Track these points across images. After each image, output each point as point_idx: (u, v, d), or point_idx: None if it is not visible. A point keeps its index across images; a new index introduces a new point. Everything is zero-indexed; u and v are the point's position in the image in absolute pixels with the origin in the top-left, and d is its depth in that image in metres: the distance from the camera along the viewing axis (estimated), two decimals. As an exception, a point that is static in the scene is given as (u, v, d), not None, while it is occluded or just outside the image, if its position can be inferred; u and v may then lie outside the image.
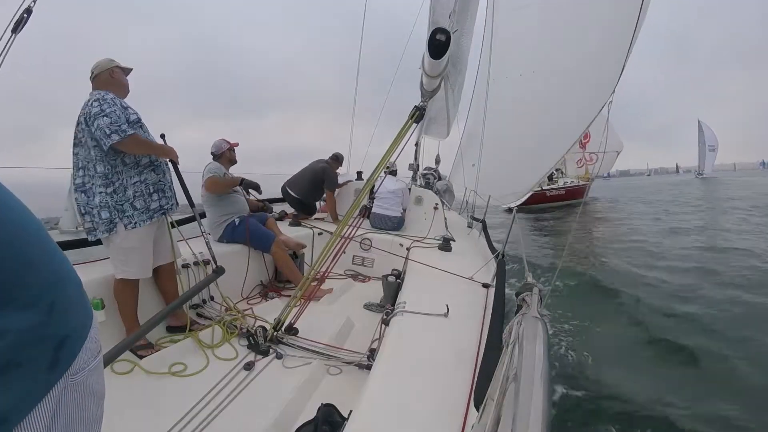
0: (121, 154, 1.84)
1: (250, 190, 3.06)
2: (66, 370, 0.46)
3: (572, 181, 18.82)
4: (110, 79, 1.90)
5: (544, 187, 16.71)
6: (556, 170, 18.76)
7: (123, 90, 1.95)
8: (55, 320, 0.44)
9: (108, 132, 1.74)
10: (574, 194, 17.94)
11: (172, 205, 2.04)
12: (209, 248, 2.27)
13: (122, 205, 1.84)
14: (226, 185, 2.87)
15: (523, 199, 15.00)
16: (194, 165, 2.20)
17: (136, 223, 1.86)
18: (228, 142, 2.98)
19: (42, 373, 0.42)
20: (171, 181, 2.07)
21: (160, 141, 2.07)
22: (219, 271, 2.26)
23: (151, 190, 1.94)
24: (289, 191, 4.12)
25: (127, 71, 1.98)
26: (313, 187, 4.15)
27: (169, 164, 2.08)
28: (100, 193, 1.81)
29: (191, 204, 2.30)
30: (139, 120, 1.89)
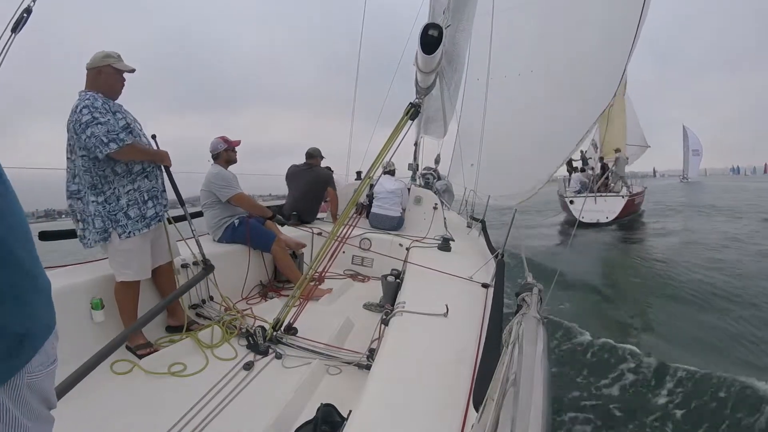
0: (111, 163, 1.79)
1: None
2: (23, 366, 0.46)
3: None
4: (97, 78, 1.80)
5: (632, 192, 12.34)
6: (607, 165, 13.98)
7: (112, 92, 1.84)
8: (17, 315, 0.44)
9: (105, 140, 1.69)
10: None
11: (165, 207, 2.02)
12: (199, 246, 2.25)
13: (115, 214, 1.81)
14: (256, 209, 2.93)
15: (616, 213, 11.23)
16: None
17: (130, 232, 1.83)
18: (226, 142, 2.84)
19: None
20: (163, 186, 2.03)
21: (151, 141, 2.02)
22: (209, 268, 2.25)
23: (146, 198, 1.90)
24: (299, 216, 3.84)
25: (122, 71, 1.86)
26: (320, 200, 4.03)
27: (161, 169, 2.03)
28: (93, 202, 1.78)
29: (183, 207, 2.29)
30: (128, 125, 1.82)
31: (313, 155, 4.01)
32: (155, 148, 2.02)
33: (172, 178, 2.13)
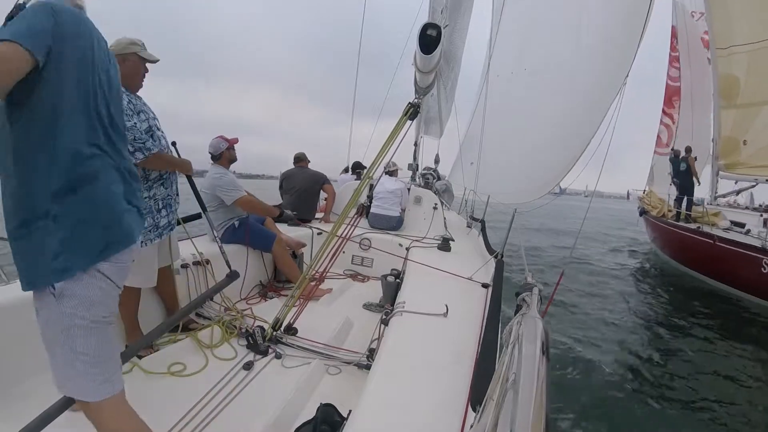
0: None
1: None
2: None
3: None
4: (120, 66, 1.74)
5: None
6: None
7: (133, 83, 1.75)
8: None
9: (131, 149, 1.63)
10: None
11: (176, 213, 1.98)
12: (223, 252, 2.24)
13: None
14: (263, 211, 2.87)
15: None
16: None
17: (142, 242, 1.77)
18: (226, 140, 2.80)
19: None
20: (177, 191, 1.98)
21: (171, 147, 1.97)
22: (233, 275, 2.19)
23: (160, 206, 1.85)
24: (298, 215, 3.83)
25: (146, 61, 1.75)
26: (317, 198, 4.14)
27: (176, 174, 1.99)
28: None
29: (203, 209, 2.29)
30: (149, 128, 1.76)
31: (301, 158, 4.18)
32: (176, 155, 1.98)
33: (194, 185, 2.13)
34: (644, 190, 11.57)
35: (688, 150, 8.33)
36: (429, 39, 1.94)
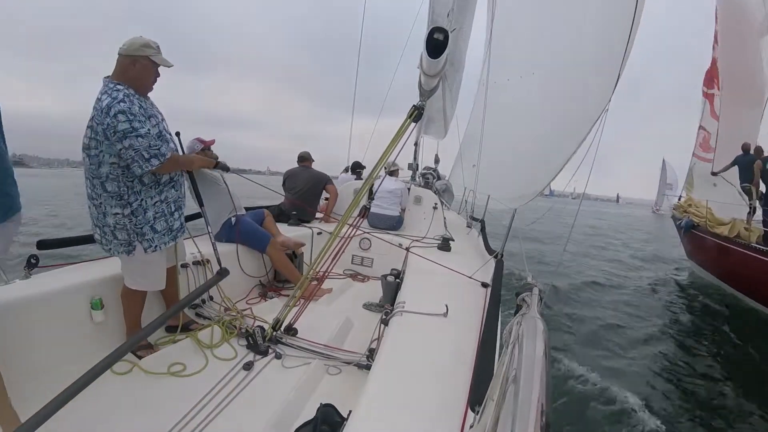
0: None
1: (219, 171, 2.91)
2: None
3: None
4: (130, 68, 1.66)
5: None
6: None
7: (143, 86, 1.72)
8: None
9: (147, 156, 1.61)
10: None
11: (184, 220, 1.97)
12: (215, 249, 2.24)
13: (142, 227, 1.71)
14: (201, 164, 2.73)
15: None
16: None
17: (156, 246, 1.76)
18: (202, 142, 2.76)
19: None
20: (184, 194, 1.98)
21: (176, 139, 1.94)
22: (223, 272, 2.19)
23: (173, 209, 1.83)
24: (298, 215, 3.86)
25: (158, 65, 1.73)
26: (318, 198, 4.17)
27: (184, 175, 1.98)
28: (115, 214, 1.67)
29: (200, 203, 2.29)
30: (160, 132, 1.72)
31: (306, 158, 4.19)
32: (179, 145, 1.96)
33: (194, 180, 2.13)
34: (679, 197, 9.06)
35: (759, 151, 6.26)
36: (436, 42, 1.92)
